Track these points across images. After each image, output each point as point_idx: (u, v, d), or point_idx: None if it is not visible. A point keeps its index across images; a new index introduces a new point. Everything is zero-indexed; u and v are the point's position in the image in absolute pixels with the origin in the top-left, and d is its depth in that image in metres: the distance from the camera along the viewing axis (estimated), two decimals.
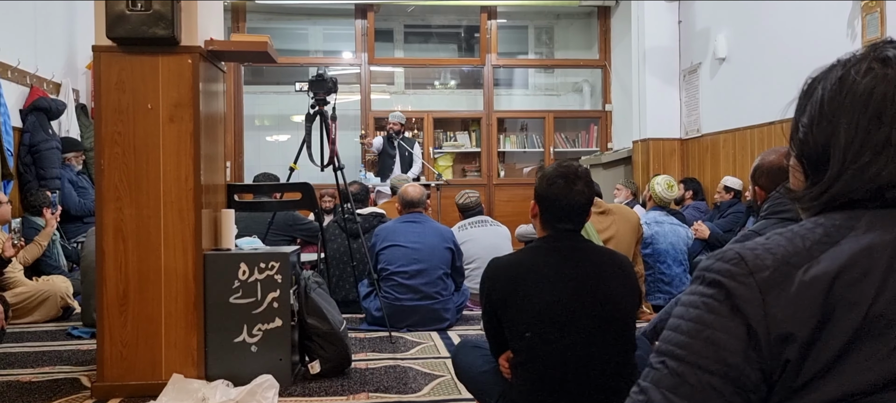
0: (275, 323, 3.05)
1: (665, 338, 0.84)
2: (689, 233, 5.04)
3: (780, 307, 0.76)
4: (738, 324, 0.78)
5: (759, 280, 0.78)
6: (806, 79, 0.92)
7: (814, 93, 0.88)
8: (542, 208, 2.08)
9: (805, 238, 0.81)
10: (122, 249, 2.94)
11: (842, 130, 0.82)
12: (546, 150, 8.70)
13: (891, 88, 0.81)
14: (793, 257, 0.79)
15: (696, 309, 0.82)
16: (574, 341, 1.95)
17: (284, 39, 9.10)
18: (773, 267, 0.79)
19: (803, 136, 0.88)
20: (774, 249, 0.80)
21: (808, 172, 0.88)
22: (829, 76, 0.87)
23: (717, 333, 0.79)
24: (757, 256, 0.80)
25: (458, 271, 4.52)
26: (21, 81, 5.64)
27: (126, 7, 2.79)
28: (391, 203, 5.57)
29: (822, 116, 0.85)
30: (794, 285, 0.77)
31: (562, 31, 9.58)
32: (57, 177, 5.61)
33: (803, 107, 0.89)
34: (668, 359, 0.81)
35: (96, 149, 2.95)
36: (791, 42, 5.44)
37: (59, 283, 4.68)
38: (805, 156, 0.88)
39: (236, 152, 8.35)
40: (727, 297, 0.79)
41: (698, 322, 0.81)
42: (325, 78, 4.10)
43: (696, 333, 0.80)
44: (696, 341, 0.80)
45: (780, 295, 0.77)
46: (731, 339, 0.78)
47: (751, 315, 0.77)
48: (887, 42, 0.86)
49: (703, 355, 0.78)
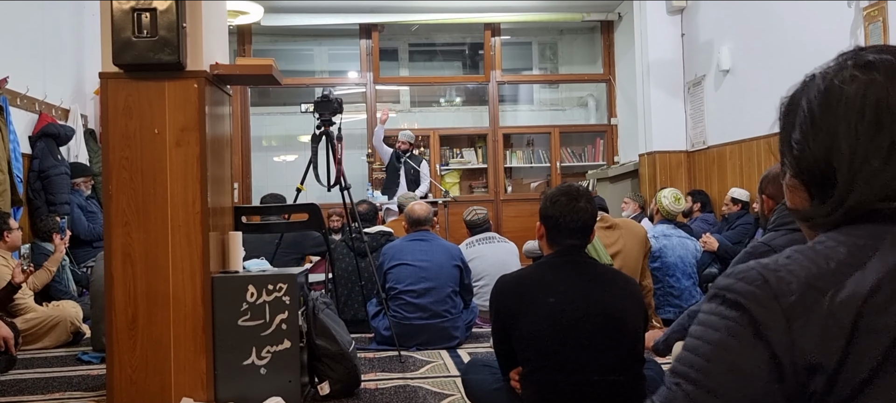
0: (283, 345, 3.05)
1: (681, 359, 0.79)
2: (697, 246, 5.02)
3: (808, 335, 0.72)
4: (761, 352, 0.73)
5: (785, 305, 0.74)
6: (781, 99, 0.90)
7: (797, 110, 0.86)
8: (547, 227, 2.13)
9: (829, 258, 0.76)
10: (130, 273, 2.95)
11: (842, 140, 0.80)
12: (552, 165, 8.70)
13: (883, 93, 0.79)
14: (818, 280, 0.75)
15: (716, 331, 0.77)
16: (581, 353, 1.98)
17: (290, 60, 9.16)
18: (798, 291, 0.74)
19: (799, 153, 0.85)
20: (798, 271, 0.76)
21: (811, 189, 0.86)
22: (809, 88, 0.85)
23: (738, 360, 0.74)
24: (780, 279, 0.75)
25: (467, 288, 4.51)
26: (30, 108, 5.69)
27: (132, 34, 2.81)
28: (398, 221, 5.58)
29: (816, 129, 0.83)
30: (823, 312, 0.73)
31: (565, 47, 9.61)
32: (66, 202, 5.64)
33: (791, 124, 0.87)
34: (684, 382, 0.76)
35: (104, 175, 2.97)
36: (794, 52, 5.44)
37: (69, 309, 4.69)
38: (804, 173, 0.86)
39: (244, 173, 8.39)
40: (751, 322, 0.75)
41: (718, 346, 0.76)
42: (331, 98, 4.12)
43: (714, 358, 0.75)
44: (714, 366, 0.75)
45: (807, 323, 0.72)
46: (753, 368, 0.73)
47: (775, 343, 0.73)
48: (859, 49, 0.85)
49: (722, 382, 0.74)
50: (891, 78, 0.80)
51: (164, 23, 2.80)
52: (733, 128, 6.42)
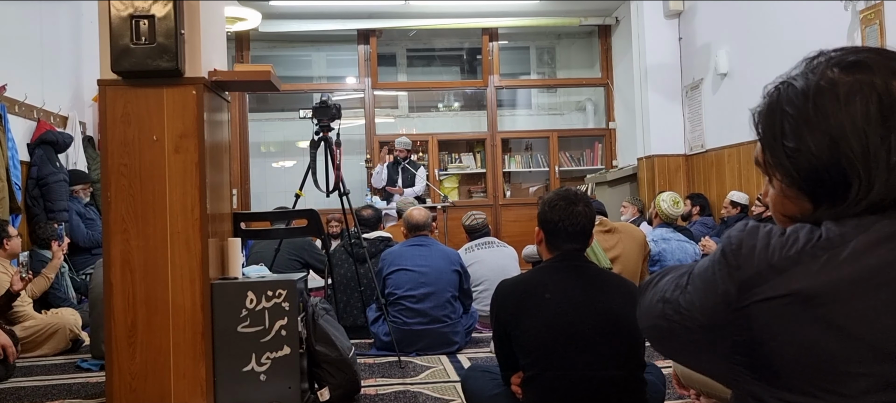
0: (283, 351, 3.04)
1: (674, 268, 0.99)
2: (696, 250, 5.02)
3: (754, 307, 0.83)
4: (723, 286, 0.85)
5: (740, 278, 0.83)
6: (754, 110, 0.92)
7: (782, 118, 0.86)
8: (546, 232, 2.13)
9: (796, 242, 0.82)
10: (129, 281, 2.94)
11: (851, 139, 0.80)
12: (551, 169, 8.71)
13: (883, 89, 0.80)
14: (781, 262, 0.82)
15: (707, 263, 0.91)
16: (581, 356, 1.98)
17: (288, 66, 9.17)
18: (756, 267, 0.83)
19: (796, 159, 0.85)
20: (772, 246, 0.83)
21: (816, 194, 0.85)
22: (789, 95, 0.86)
23: (708, 284, 0.88)
24: (750, 252, 0.84)
25: (466, 293, 4.51)
26: (28, 116, 5.69)
27: (130, 41, 2.81)
28: (397, 226, 5.58)
29: (812, 132, 0.83)
30: (770, 292, 0.81)
31: (563, 51, 9.63)
32: (65, 209, 5.64)
33: (777, 133, 0.87)
34: (672, 274, 0.97)
35: (103, 182, 2.97)
36: (792, 55, 5.40)
37: (68, 316, 4.68)
38: (804, 179, 0.85)
39: (242, 179, 8.38)
40: (723, 267, 0.86)
41: (699, 275, 0.90)
42: (329, 104, 4.12)
43: (694, 280, 0.91)
44: (691, 285, 0.90)
45: (754, 294, 0.82)
46: (713, 297, 0.86)
47: (730, 291, 0.85)
48: (830, 53, 0.87)
49: (691, 301, 0.89)
50: (886, 74, 0.81)
51: (163, 30, 2.80)
52: (731, 132, 6.43)
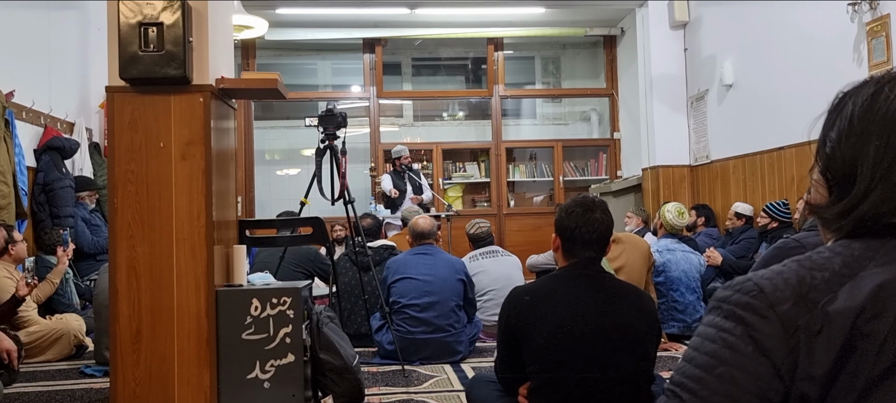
0: (287, 359, 3.04)
1: (679, 369, 0.82)
2: (701, 261, 5.01)
3: (803, 344, 0.75)
4: (765, 366, 0.76)
5: (781, 313, 0.76)
6: (837, 93, 0.90)
7: (844, 109, 0.87)
8: (563, 238, 2.11)
9: (823, 268, 0.79)
10: (135, 287, 2.94)
11: (872, 148, 0.80)
12: (555, 179, 8.71)
13: None
14: (811, 291, 0.77)
15: (712, 342, 0.80)
16: (589, 368, 1.96)
17: (294, 74, 9.20)
18: (792, 299, 0.77)
19: (830, 151, 0.86)
20: (792, 279, 0.78)
21: (832, 187, 0.86)
22: (860, 92, 0.86)
23: (733, 371, 0.77)
24: (776, 287, 0.78)
25: (471, 303, 4.50)
26: (35, 122, 5.71)
27: (139, 48, 2.83)
28: (402, 235, 5.58)
29: (851, 132, 0.84)
30: (816, 322, 0.75)
31: (568, 61, 9.64)
32: (70, 215, 5.65)
33: (832, 122, 0.88)
34: (680, 391, 0.80)
35: (109, 188, 2.98)
36: (797, 67, 5.46)
37: (72, 322, 4.68)
38: (830, 171, 0.86)
39: (247, 187, 8.40)
40: (750, 336, 0.77)
41: (713, 357, 0.79)
42: (335, 113, 4.14)
43: (710, 368, 0.79)
44: (709, 377, 0.78)
45: (800, 330, 0.75)
46: (747, 377, 0.76)
47: (776, 354, 0.75)
48: None
49: (717, 391, 0.77)
50: None
51: (171, 37, 2.82)
52: (736, 143, 6.43)
